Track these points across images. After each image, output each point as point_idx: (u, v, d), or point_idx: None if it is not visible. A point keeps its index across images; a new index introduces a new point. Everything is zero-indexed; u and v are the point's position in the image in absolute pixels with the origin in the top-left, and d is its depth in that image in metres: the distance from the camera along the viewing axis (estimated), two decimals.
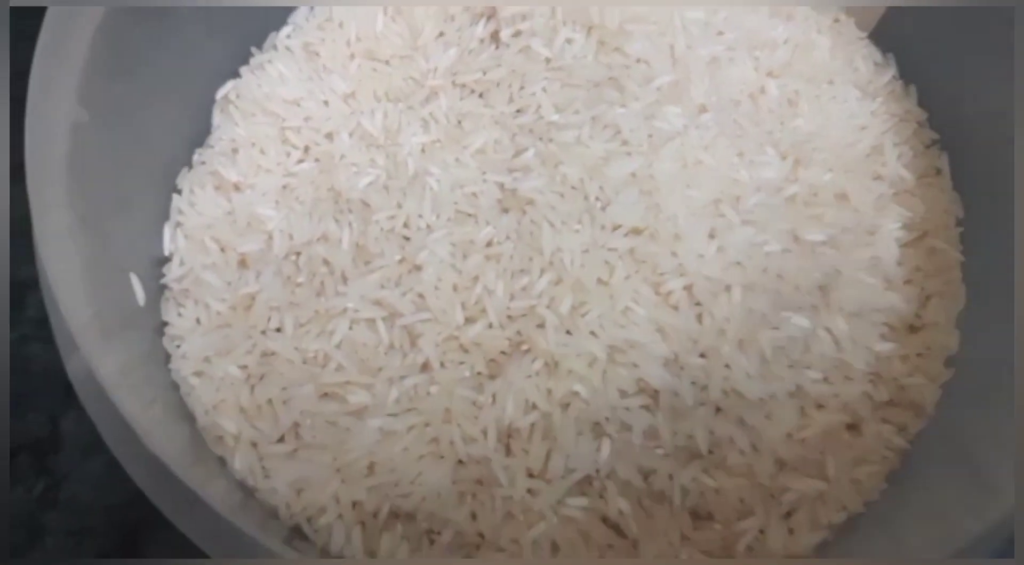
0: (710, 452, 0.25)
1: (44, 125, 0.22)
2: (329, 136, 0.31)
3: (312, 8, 0.32)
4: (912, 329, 0.28)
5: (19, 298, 0.36)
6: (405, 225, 0.28)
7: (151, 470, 0.20)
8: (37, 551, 0.32)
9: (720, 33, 0.31)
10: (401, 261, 0.28)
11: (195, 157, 0.30)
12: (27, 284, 0.36)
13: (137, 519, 0.33)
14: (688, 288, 0.26)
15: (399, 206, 0.29)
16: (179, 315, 0.27)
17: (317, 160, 0.30)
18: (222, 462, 0.25)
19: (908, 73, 0.32)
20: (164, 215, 0.29)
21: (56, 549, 0.32)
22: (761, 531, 0.25)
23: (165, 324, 0.27)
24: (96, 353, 0.20)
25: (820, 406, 0.26)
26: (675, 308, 0.26)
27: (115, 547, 0.32)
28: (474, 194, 0.29)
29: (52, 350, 0.35)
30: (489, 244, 0.27)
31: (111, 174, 0.25)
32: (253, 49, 0.32)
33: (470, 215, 0.28)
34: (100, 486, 0.33)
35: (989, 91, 0.29)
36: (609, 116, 0.29)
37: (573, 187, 0.28)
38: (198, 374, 0.26)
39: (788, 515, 0.26)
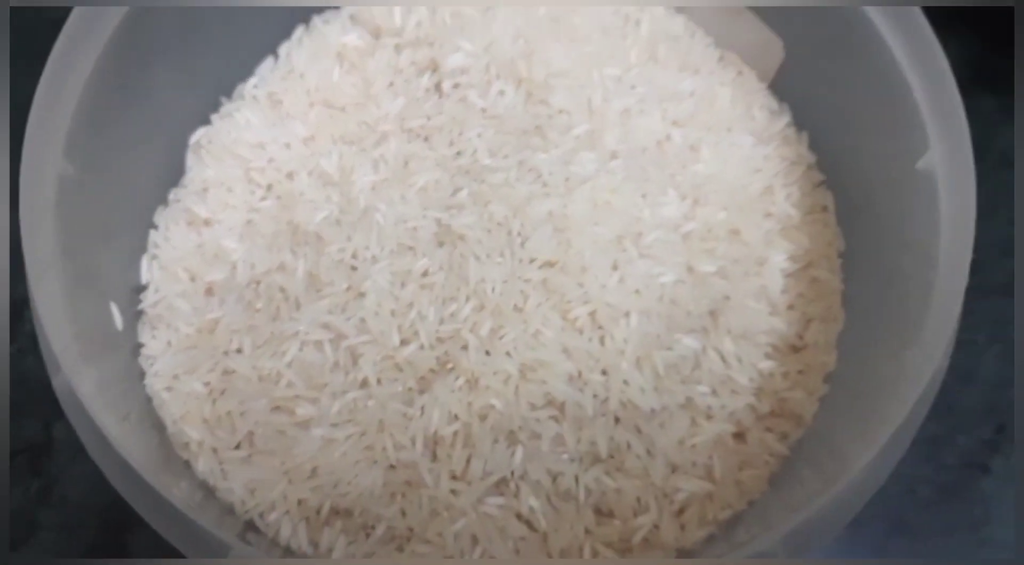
0: (610, 456, 0.29)
1: (35, 178, 0.26)
2: (290, 175, 0.34)
3: (276, 60, 0.36)
4: (794, 349, 0.32)
5: (18, 313, 0.39)
6: (353, 256, 0.32)
7: (125, 475, 0.24)
8: (32, 544, 0.36)
9: (633, 87, 0.35)
10: (348, 289, 0.31)
11: (170, 196, 0.34)
12: (25, 301, 0.40)
13: (122, 517, 0.36)
14: (592, 314, 0.30)
15: (349, 239, 0.32)
16: (153, 337, 0.30)
17: (279, 197, 0.34)
18: (187, 465, 0.29)
19: (800, 120, 0.36)
20: (142, 248, 0.33)
21: (49, 542, 0.36)
22: (656, 526, 0.29)
23: (140, 345, 0.31)
24: (76, 372, 0.24)
25: (709, 416, 0.30)
26: (580, 331, 0.30)
27: (102, 541, 0.36)
28: (415, 228, 0.32)
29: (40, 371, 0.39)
30: (424, 274, 0.31)
31: (94, 214, 0.29)
32: (223, 98, 0.35)
33: (410, 248, 0.32)
34: (88, 487, 0.37)
35: (872, 136, 0.33)
36: (533, 161, 0.33)
37: (499, 223, 0.32)
38: (168, 389, 0.29)
39: (680, 512, 0.30)
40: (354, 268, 0.32)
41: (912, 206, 0.29)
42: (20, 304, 0.39)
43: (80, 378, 0.24)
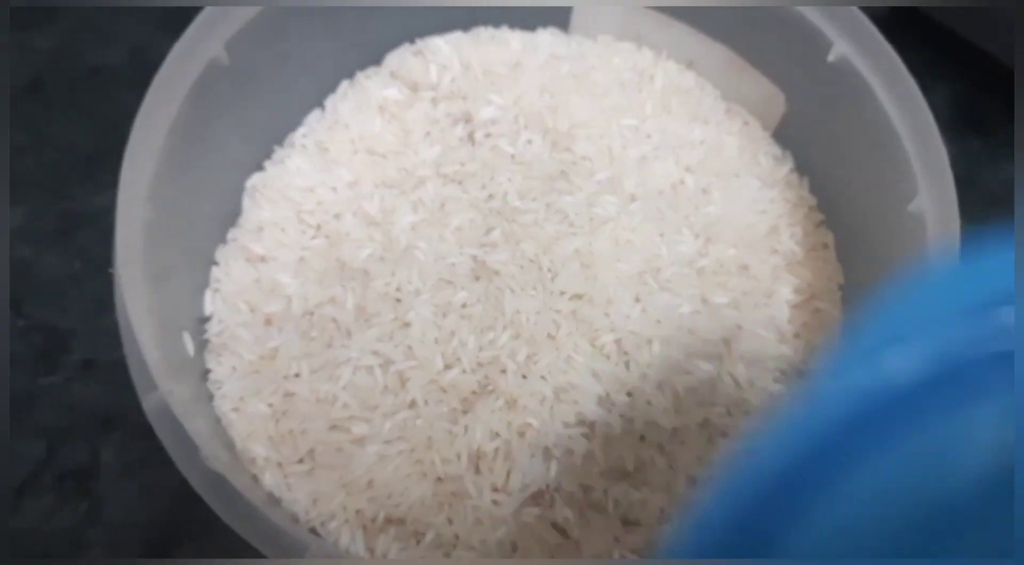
0: (636, 471, 0.32)
1: (127, 225, 0.29)
2: (337, 216, 0.38)
3: (323, 112, 0.40)
4: (800, 373, 0.35)
5: (64, 345, 0.42)
6: (397, 289, 0.35)
7: (215, 484, 0.27)
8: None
9: (648, 136, 0.38)
10: (394, 319, 0.35)
11: (229, 235, 0.37)
12: (70, 333, 0.42)
13: (168, 534, 0.39)
14: (618, 341, 0.33)
15: (393, 274, 0.36)
16: (219, 364, 0.33)
17: (327, 236, 0.37)
18: (255, 479, 0.32)
19: (801, 166, 0.39)
20: (205, 283, 0.36)
21: (98, 560, 0.39)
22: None
23: (208, 371, 0.34)
24: (167, 391, 0.27)
25: (724, 435, 0.33)
26: (607, 357, 0.33)
27: (151, 557, 0.38)
28: (453, 264, 0.36)
29: (92, 391, 0.42)
30: (463, 306, 0.34)
31: (169, 253, 0.33)
32: (275, 146, 0.39)
33: (449, 282, 0.35)
34: (133, 507, 0.39)
35: (866, 181, 0.36)
36: (559, 203, 0.36)
37: (530, 260, 0.35)
38: (235, 410, 0.32)
39: None
40: (398, 300, 0.35)
41: (904, 243, 0.33)
42: (66, 335, 0.43)
43: (171, 397, 0.27)
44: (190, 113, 0.32)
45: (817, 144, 0.39)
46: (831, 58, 0.35)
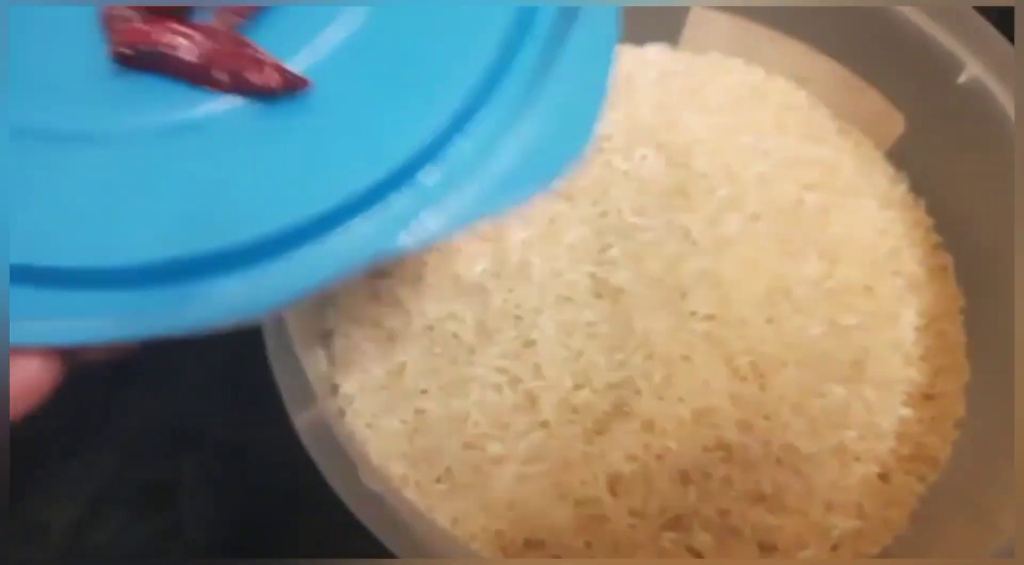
0: (773, 495, 0.32)
1: None
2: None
3: None
4: (927, 397, 0.35)
5: (141, 355, 0.42)
6: (517, 306, 0.35)
7: (363, 498, 0.26)
8: None
9: (765, 153, 0.38)
10: (516, 337, 0.34)
11: None
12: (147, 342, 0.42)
13: (248, 546, 0.38)
14: (753, 364, 0.33)
15: (510, 290, 0.35)
16: (347, 379, 0.33)
17: (440, 251, 0.37)
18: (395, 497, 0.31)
19: (917, 187, 0.39)
20: (327, 298, 0.35)
21: None
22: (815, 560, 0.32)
23: (337, 386, 0.33)
24: (323, 409, 0.27)
25: (857, 459, 0.33)
26: (744, 380, 0.33)
27: None
28: (571, 282, 0.35)
29: (166, 410, 0.41)
30: (589, 324, 0.34)
31: None
32: None
33: (568, 299, 0.35)
34: (212, 521, 0.39)
35: (985, 201, 0.36)
36: (680, 220, 0.36)
37: (657, 279, 0.34)
38: (369, 426, 0.32)
39: (835, 548, 0.32)
40: (519, 317, 0.34)
41: None
42: (144, 344, 0.42)
43: (321, 411, 0.26)
44: None
45: (934, 165, 0.38)
46: (962, 79, 0.34)
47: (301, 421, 0.27)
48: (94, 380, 0.40)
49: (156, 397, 0.41)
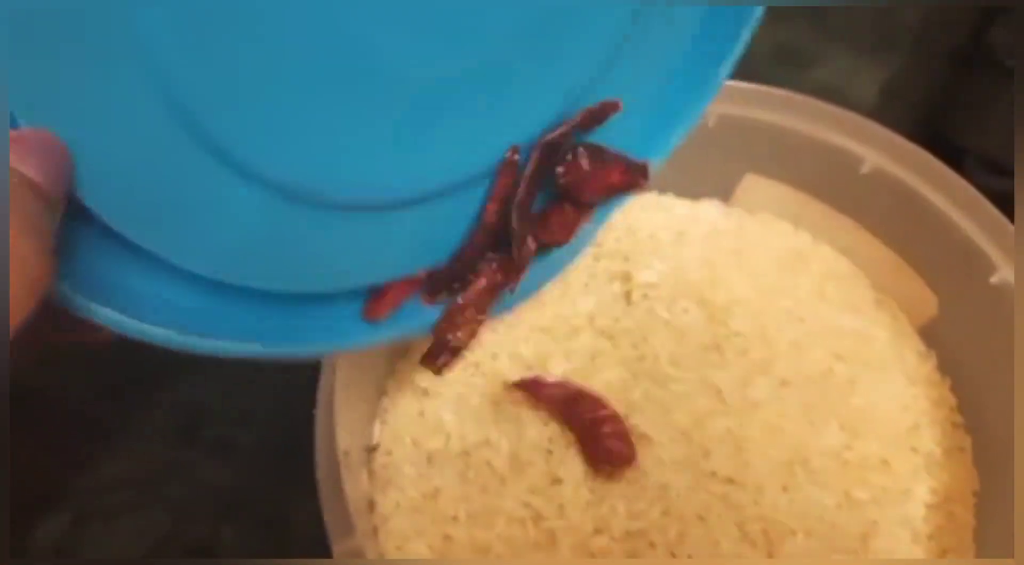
0: None
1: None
2: (494, 356, 0.40)
3: None
4: None
5: (201, 421, 0.45)
6: (550, 440, 0.37)
7: None
8: None
9: (802, 320, 0.40)
10: (546, 472, 0.37)
11: (397, 366, 0.40)
12: (208, 410, 0.44)
13: None
14: (764, 531, 0.35)
15: (545, 424, 0.38)
16: (384, 497, 0.36)
17: (484, 375, 0.40)
18: None
19: (945, 366, 0.41)
20: (374, 413, 0.38)
21: None
22: None
23: (373, 502, 0.36)
24: (363, 543, 0.29)
25: None
26: (753, 544, 0.34)
27: None
28: None
29: (222, 471, 0.44)
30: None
31: (348, 388, 0.35)
32: None
33: None
34: None
35: (1008, 389, 0.38)
36: (713, 378, 0.38)
37: (682, 432, 0.37)
38: (398, 548, 0.34)
39: None
40: (550, 452, 0.37)
41: None
42: (205, 412, 0.45)
43: (365, 541, 0.29)
44: None
45: (963, 349, 0.40)
46: (994, 280, 0.36)
47: (339, 548, 0.29)
48: (157, 440, 0.44)
49: (212, 461, 0.44)
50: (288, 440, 0.36)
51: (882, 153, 0.39)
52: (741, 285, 0.41)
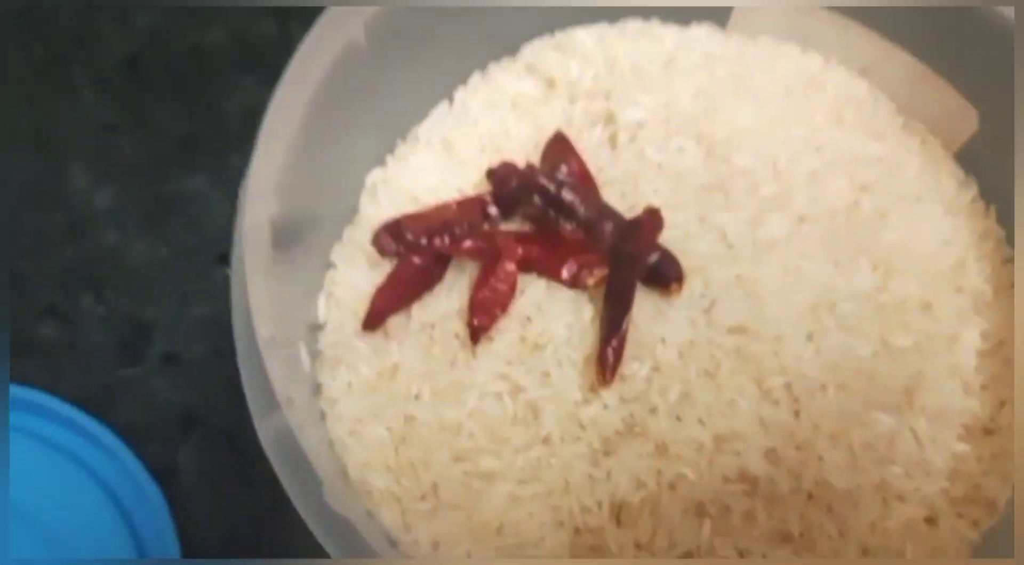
0: (801, 535, 0.28)
1: (253, 222, 0.26)
2: None
3: (451, 105, 0.36)
4: (987, 431, 0.31)
5: (146, 336, 0.40)
6: (527, 305, 0.31)
7: (334, 527, 0.23)
8: None
9: (819, 149, 0.34)
10: (522, 339, 0.31)
11: (345, 234, 0.34)
12: (152, 324, 0.40)
13: (244, 545, 0.36)
14: (787, 386, 0.29)
15: (521, 291, 0.32)
16: (333, 379, 0.30)
17: None
18: (370, 515, 0.28)
19: (989, 192, 0.34)
20: (319, 286, 0.32)
21: None
22: None
23: (320, 386, 0.30)
24: (287, 415, 0.24)
25: (901, 499, 0.29)
26: (776, 403, 0.29)
27: None
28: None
29: (172, 388, 0.39)
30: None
31: (285, 252, 0.29)
32: (398, 141, 0.35)
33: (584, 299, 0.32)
34: (209, 513, 0.37)
35: None
36: (715, 219, 0.32)
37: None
38: (351, 433, 0.29)
39: None
40: (529, 318, 0.31)
41: None
42: (148, 327, 0.40)
43: (291, 421, 0.24)
44: (324, 99, 0.29)
45: (1010, 168, 0.33)
46: None
47: (263, 428, 0.24)
48: (98, 359, 0.39)
49: (160, 377, 0.39)
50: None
51: None
52: (745, 115, 0.34)
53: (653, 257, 0.31)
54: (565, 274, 0.31)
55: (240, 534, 0.37)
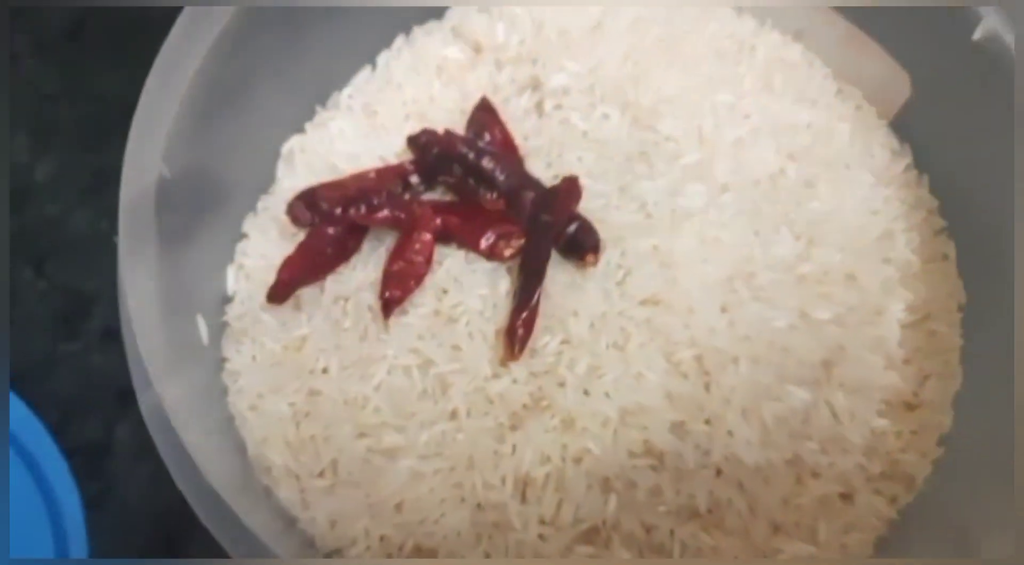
0: (709, 512, 0.28)
1: (134, 185, 0.25)
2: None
3: (373, 70, 0.35)
4: (909, 407, 0.30)
5: (86, 309, 0.39)
6: (444, 274, 0.31)
7: (207, 499, 0.23)
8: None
9: (746, 116, 0.33)
10: (436, 313, 0.30)
11: (259, 204, 0.33)
12: (93, 297, 0.39)
13: (179, 522, 0.35)
14: (698, 358, 0.28)
15: (439, 262, 0.31)
16: (237, 352, 0.29)
17: None
18: (268, 491, 0.27)
19: (922, 163, 0.33)
20: (229, 257, 0.32)
21: (101, 547, 0.35)
22: None
23: (224, 360, 0.30)
24: (166, 390, 0.23)
25: (816, 475, 0.28)
26: (685, 376, 0.28)
27: (156, 548, 0.35)
28: None
29: (111, 362, 0.38)
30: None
31: (186, 221, 0.28)
32: (317, 107, 0.34)
33: (496, 270, 0.31)
34: (146, 492, 0.35)
35: (999, 185, 0.31)
36: (636, 188, 0.31)
37: None
38: (252, 408, 0.28)
39: None
40: (444, 291, 0.30)
41: None
42: (88, 301, 0.39)
43: (168, 395, 0.23)
44: (221, 60, 0.28)
45: (945, 138, 0.33)
46: (977, 36, 0.29)
47: (144, 402, 0.23)
48: (37, 332, 0.38)
49: (99, 352, 0.38)
50: None
51: None
52: (670, 81, 0.33)
53: (571, 227, 0.30)
54: (483, 245, 0.31)
55: (175, 506, 0.36)
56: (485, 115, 0.34)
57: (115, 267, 0.39)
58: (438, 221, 0.31)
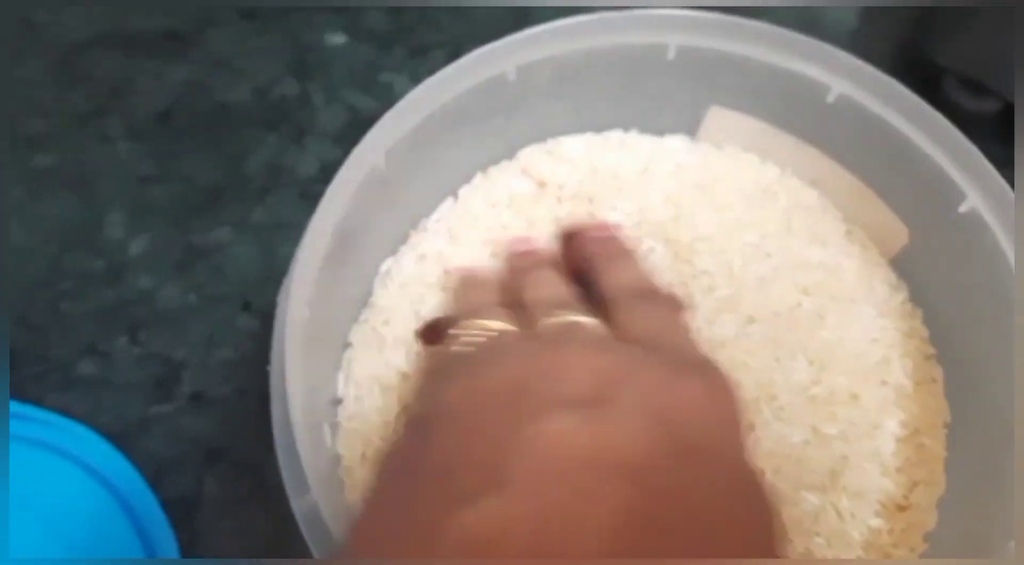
0: None
1: (291, 335, 0.31)
2: None
3: (455, 201, 0.41)
4: (900, 508, 0.36)
5: (176, 375, 0.44)
6: None
7: None
8: None
9: (768, 255, 0.39)
10: None
11: (361, 316, 0.39)
12: (182, 364, 0.44)
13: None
14: None
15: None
16: (351, 450, 0.36)
17: None
18: None
19: (916, 297, 0.40)
20: (338, 365, 0.38)
21: None
22: None
23: (340, 456, 0.36)
24: (320, 494, 0.29)
25: None
26: None
27: None
28: None
29: (198, 424, 0.43)
30: None
31: (315, 345, 0.35)
32: (410, 231, 0.41)
33: None
34: (230, 542, 0.41)
35: (983, 323, 0.37)
36: None
37: None
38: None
39: None
40: None
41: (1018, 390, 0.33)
42: (178, 367, 0.44)
43: (322, 499, 0.29)
44: (349, 215, 0.34)
45: (935, 280, 0.39)
46: (962, 208, 0.35)
47: (299, 506, 0.29)
48: (133, 396, 0.43)
49: (188, 414, 0.43)
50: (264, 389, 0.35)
51: (848, 81, 0.37)
52: (706, 222, 0.40)
53: None
54: None
55: (256, 553, 0.41)
56: None
57: (200, 337, 0.44)
58: None
